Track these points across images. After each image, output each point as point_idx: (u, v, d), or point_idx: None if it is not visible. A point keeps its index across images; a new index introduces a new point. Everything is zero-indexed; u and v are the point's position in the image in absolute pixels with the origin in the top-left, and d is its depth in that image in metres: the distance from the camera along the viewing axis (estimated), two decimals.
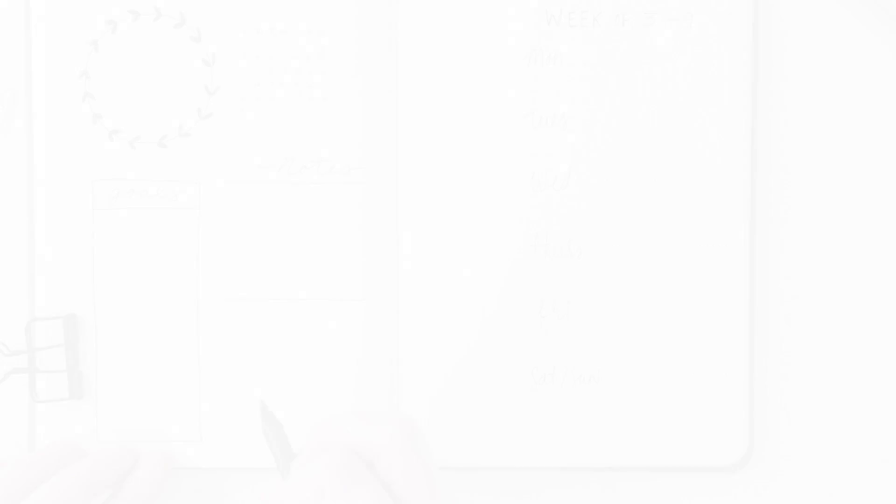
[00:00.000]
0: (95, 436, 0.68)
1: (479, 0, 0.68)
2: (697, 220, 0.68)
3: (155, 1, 0.68)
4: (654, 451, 0.69)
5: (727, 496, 0.70)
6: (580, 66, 0.68)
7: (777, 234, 0.70)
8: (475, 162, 0.68)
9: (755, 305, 0.69)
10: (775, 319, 0.70)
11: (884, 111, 0.70)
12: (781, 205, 0.70)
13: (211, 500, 0.70)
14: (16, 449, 0.69)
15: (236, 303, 0.68)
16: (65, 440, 0.68)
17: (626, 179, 0.68)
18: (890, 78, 0.70)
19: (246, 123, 0.68)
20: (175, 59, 0.68)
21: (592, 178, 0.69)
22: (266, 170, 0.68)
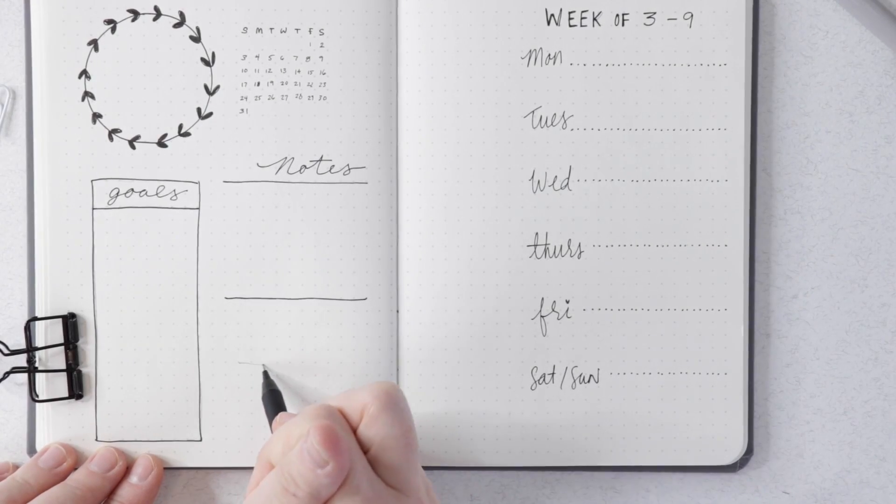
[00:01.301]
0: (95, 436, 0.68)
1: (479, 0, 0.68)
2: (697, 220, 0.68)
3: (155, 1, 0.68)
4: (655, 451, 0.69)
5: (727, 496, 0.70)
6: (580, 66, 0.68)
7: (776, 233, 0.70)
8: (475, 162, 0.68)
9: (754, 305, 0.69)
10: (775, 319, 0.70)
11: (883, 110, 0.70)
12: (781, 205, 0.70)
13: (211, 500, 0.70)
14: (16, 449, 0.69)
15: (236, 302, 0.68)
16: (60, 444, 0.68)
17: (626, 179, 0.68)
18: (889, 77, 0.70)
19: (246, 123, 0.68)
20: (175, 59, 0.68)
21: (592, 178, 0.69)
22: (266, 169, 0.68)
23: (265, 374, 0.67)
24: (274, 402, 0.65)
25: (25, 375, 0.68)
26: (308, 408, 0.59)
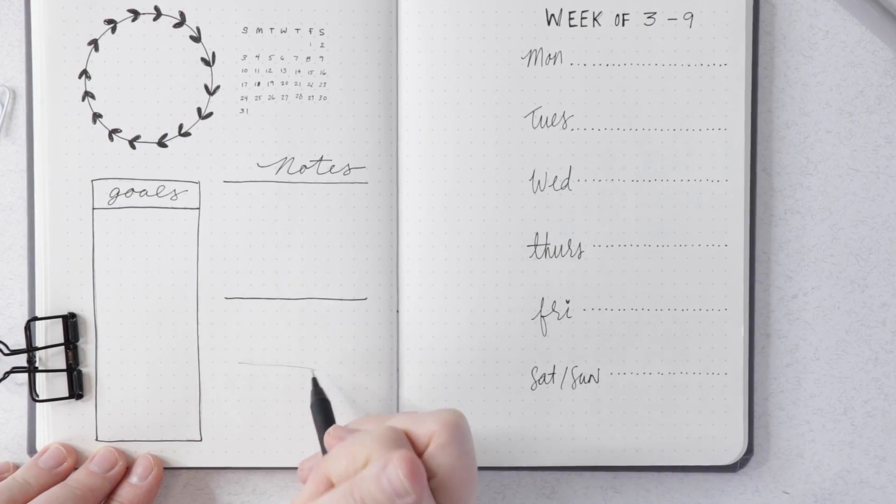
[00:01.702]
0: (95, 436, 0.68)
1: (479, 0, 0.68)
2: (697, 220, 0.68)
3: (155, 1, 0.68)
4: (655, 450, 0.69)
5: (727, 496, 0.70)
6: (580, 66, 0.68)
7: (776, 233, 0.70)
8: (475, 162, 0.68)
9: (754, 305, 0.69)
10: (775, 319, 0.70)
11: (883, 110, 0.70)
12: (781, 205, 0.70)
13: (211, 500, 0.70)
14: (16, 449, 0.69)
15: (236, 302, 0.68)
16: (60, 444, 0.68)
17: (626, 179, 0.68)
18: (889, 77, 0.70)
19: (246, 123, 0.68)
20: (175, 59, 0.68)
21: (592, 178, 0.69)
22: (266, 169, 0.68)
23: (314, 381, 0.67)
24: (324, 412, 0.64)
25: (25, 375, 0.68)
26: (374, 429, 0.58)
